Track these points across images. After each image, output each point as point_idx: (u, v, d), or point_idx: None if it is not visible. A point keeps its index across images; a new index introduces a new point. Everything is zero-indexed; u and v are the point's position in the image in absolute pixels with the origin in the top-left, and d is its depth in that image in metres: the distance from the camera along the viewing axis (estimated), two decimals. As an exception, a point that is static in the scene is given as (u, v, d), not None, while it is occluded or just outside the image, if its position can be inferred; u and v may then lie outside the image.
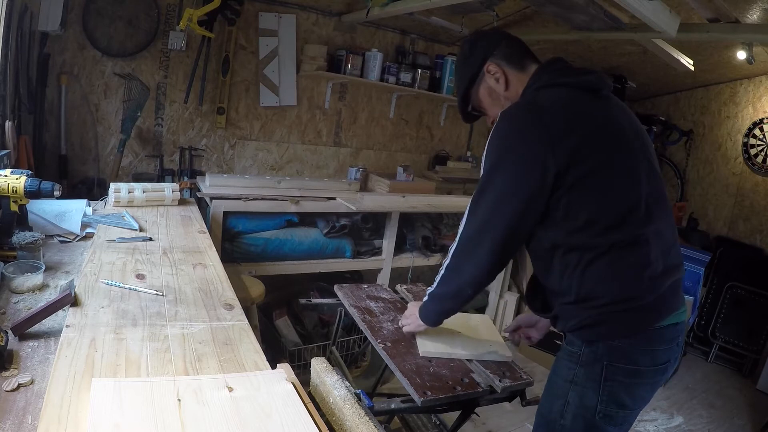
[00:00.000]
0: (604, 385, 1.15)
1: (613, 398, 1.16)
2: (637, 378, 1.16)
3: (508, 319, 3.77)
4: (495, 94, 1.30)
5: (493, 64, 1.27)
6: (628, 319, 1.14)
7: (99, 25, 2.64)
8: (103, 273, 1.34)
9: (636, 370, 1.15)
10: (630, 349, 1.14)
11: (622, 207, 1.13)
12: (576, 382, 1.19)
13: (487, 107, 1.35)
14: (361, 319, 1.69)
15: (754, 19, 2.58)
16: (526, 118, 1.14)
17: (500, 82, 1.27)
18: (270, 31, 3.10)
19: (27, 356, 0.97)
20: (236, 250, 2.63)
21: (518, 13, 3.05)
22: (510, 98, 1.28)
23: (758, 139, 3.85)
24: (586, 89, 1.19)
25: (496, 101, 1.31)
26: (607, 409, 1.17)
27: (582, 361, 1.18)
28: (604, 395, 1.16)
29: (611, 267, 1.14)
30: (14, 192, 1.39)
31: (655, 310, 1.15)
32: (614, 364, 1.14)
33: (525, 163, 1.12)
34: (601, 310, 1.14)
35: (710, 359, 3.82)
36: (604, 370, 1.15)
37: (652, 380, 1.18)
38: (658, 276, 1.15)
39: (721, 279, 3.86)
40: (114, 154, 2.77)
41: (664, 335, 1.16)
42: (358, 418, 0.92)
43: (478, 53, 1.29)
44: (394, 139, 3.83)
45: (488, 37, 1.33)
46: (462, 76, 1.34)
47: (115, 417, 0.75)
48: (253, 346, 1.08)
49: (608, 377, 1.15)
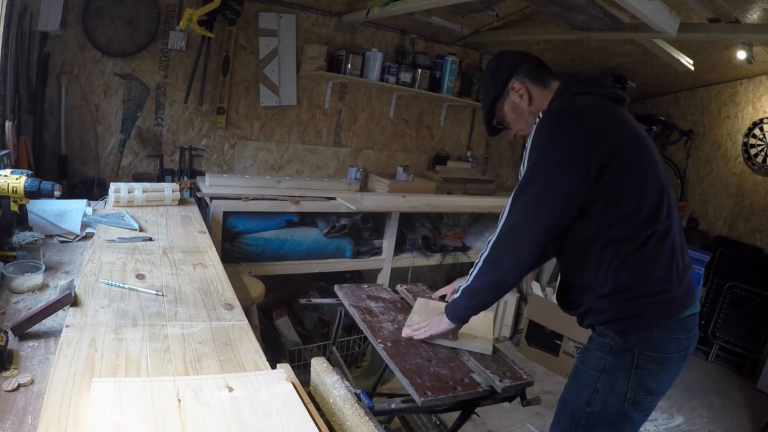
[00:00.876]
0: (634, 373, 1.25)
1: (642, 385, 1.26)
2: (665, 365, 1.26)
3: (508, 318, 3.77)
4: (519, 109, 1.40)
5: (518, 82, 1.37)
6: (660, 310, 1.24)
7: (99, 25, 2.64)
8: (103, 273, 1.34)
9: (664, 357, 1.25)
10: (659, 338, 1.24)
11: (653, 202, 1.23)
12: (607, 370, 1.27)
13: (510, 122, 1.44)
14: (361, 319, 1.69)
15: (754, 19, 2.58)
16: (570, 117, 1.22)
17: (524, 98, 1.37)
18: (270, 31, 3.10)
19: (27, 356, 0.97)
20: (236, 250, 2.63)
21: (518, 13, 3.05)
22: (533, 113, 1.36)
23: (758, 139, 3.85)
24: (613, 99, 1.30)
25: (519, 116, 1.41)
26: (636, 395, 1.26)
27: (614, 351, 1.26)
28: (634, 382, 1.25)
29: (648, 260, 1.23)
30: (14, 192, 1.39)
31: (680, 301, 1.26)
32: (645, 352, 1.24)
33: (570, 158, 1.19)
34: (636, 303, 1.24)
35: (710, 359, 3.82)
36: (636, 359, 1.24)
37: (676, 366, 1.29)
38: (683, 269, 1.27)
39: (721, 279, 3.86)
40: (114, 154, 2.77)
41: (687, 324, 1.27)
42: (358, 418, 0.92)
43: (503, 71, 1.39)
44: (394, 139, 3.82)
45: (512, 56, 1.43)
46: (487, 93, 1.44)
47: (115, 417, 0.75)
48: (253, 346, 1.08)
49: (639, 365, 1.24)
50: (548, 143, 1.22)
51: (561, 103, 1.30)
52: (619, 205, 1.21)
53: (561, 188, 1.20)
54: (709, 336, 3.83)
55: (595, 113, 1.23)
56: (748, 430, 2.99)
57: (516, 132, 1.45)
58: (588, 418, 1.30)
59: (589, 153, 1.18)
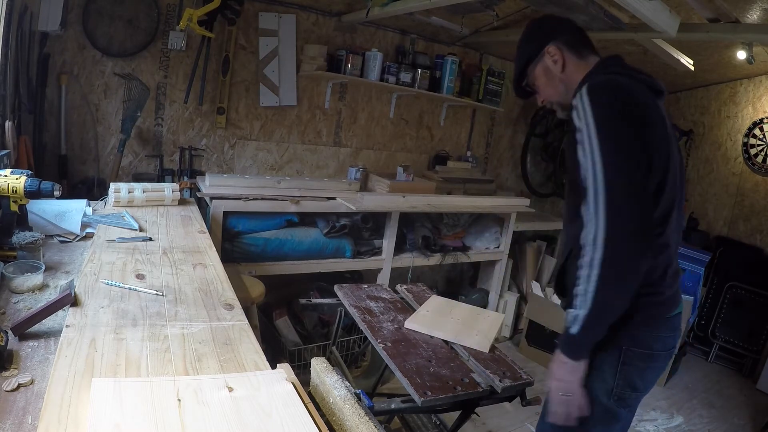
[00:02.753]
0: (621, 369, 1.25)
1: (627, 381, 1.26)
2: (651, 362, 1.27)
3: (508, 318, 3.77)
4: (550, 74, 1.36)
5: (554, 47, 1.33)
6: (651, 311, 1.25)
7: (99, 25, 2.64)
8: (103, 273, 1.34)
9: (650, 354, 1.25)
10: (647, 336, 1.25)
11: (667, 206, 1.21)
12: (595, 366, 1.26)
13: (540, 86, 1.41)
14: (361, 319, 1.69)
15: (754, 19, 2.58)
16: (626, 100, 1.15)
17: (557, 64, 1.34)
18: (270, 31, 3.10)
19: (27, 356, 0.97)
20: (236, 250, 2.63)
21: (518, 13, 3.05)
22: (564, 81, 1.34)
23: (758, 139, 3.85)
24: (654, 90, 1.25)
25: (550, 82, 1.38)
26: (622, 391, 1.26)
27: (603, 346, 1.24)
28: (620, 378, 1.25)
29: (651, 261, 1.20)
30: (14, 192, 1.39)
31: (670, 302, 1.27)
32: (632, 349, 1.24)
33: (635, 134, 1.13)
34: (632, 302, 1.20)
35: (710, 359, 3.82)
36: (623, 355, 1.25)
37: (662, 364, 1.30)
38: (675, 271, 1.29)
39: (721, 279, 3.86)
40: (114, 154, 2.77)
41: (673, 323, 1.29)
42: (358, 418, 0.92)
43: (541, 34, 1.37)
44: (394, 139, 3.82)
45: (554, 21, 1.43)
46: (522, 53, 1.41)
47: (115, 417, 0.75)
48: (253, 346, 1.08)
49: (625, 361, 1.25)
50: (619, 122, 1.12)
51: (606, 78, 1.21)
52: None
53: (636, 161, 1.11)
54: (709, 336, 3.83)
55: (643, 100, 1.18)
56: (748, 430, 2.99)
57: (544, 98, 1.42)
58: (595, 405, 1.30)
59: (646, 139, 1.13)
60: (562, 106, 1.39)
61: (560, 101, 1.39)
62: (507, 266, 3.77)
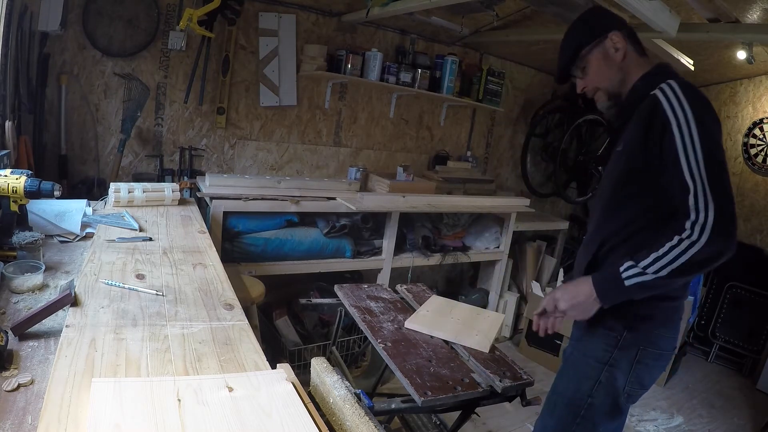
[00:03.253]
0: (635, 367, 1.31)
1: (638, 379, 1.32)
2: (659, 361, 1.33)
3: (508, 318, 3.77)
4: (610, 61, 1.35)
5: (619, 35, 1.34)
6: (671, 313, 1.32)
7: (99, 25, 2.64)
8: (103, 273, 1.34)
9: (661, 353, 1.32)
10: (660, 336, 1.31)
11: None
12: (611, 363, 1.32)
13: (592, 71, 1.38)
14: (361, 319, 1.69)
15: (754, 19, 2.58)
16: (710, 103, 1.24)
17: (619, 53, 1.34)
18: (270, 31, 3.10)
19: (27, 356, 0.97)
20: (236, 250, 2.63)
21: (518, 12, 3.05)
22: (623, 70, 1.35)
23: (758, 139, 3.85)
24: None
25: (607, 68, 1.36)
26: (632, 389, 1.33)
27: (621, 345, 1.31)
28: (633, 376, 1.31)
29: None
30: (14, 192, 1.39)
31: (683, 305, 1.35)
32: (648, 348, 1.30)
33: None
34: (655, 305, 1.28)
35: (710, 359, 3.82)
36: (638, 354, 1.29)
37: (666, 363, 1.36)
38: None
39: (721, 279, 3.87)
40: (114, 154, 2.77)
41: (678, 325, 1.36)
42: (358, 418, 0.92)
43: (605, 21, 1.39)
44: (394, 139, 3.82)
45: (615, 14, 1.45)
46: (576, 36, 1.39)
47: (115, 417, 0.75)
48: (253, 346, 1.08)
49: (640, 360, 1.30)
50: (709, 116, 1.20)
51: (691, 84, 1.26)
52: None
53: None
54: (709, 336, 3.83)
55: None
56: (748, 430, 2.99)
57: (588, 84, 1.39)
58: (588, 409, 1.34)
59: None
60: (609, 95, 1.38)
61: (611, 89, 1.37)
62: (507, 266, 3.77)
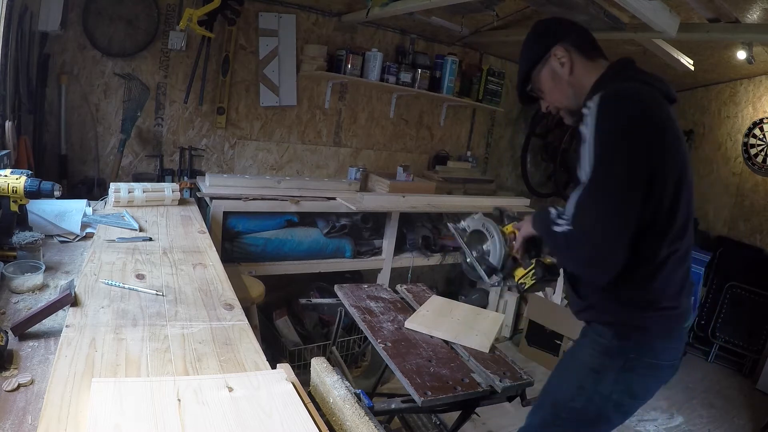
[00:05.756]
0: (623, 375, 1.22)
1: (627, 388, 1.24)
2: (655, 371, 1.24)
3: (508, 318, 3.77)
4: (558, 78, 1.28)
5: (562, 49, 1.26)
6: (666, 324, 1.23)
7: (99, 25, 2.64)
8: (103, 273, 1.34)
9: (656, 364, 1.23)
10: (656, 346, 1.23)
11: (683, 220, 1.18)
12: (596, 369, 1.25)
13: (546, 91, 1.33)
14: (361, 319, 1.69)
15: (754, 19, 2.57)
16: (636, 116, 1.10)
17: (565, 67, 1.27)
18: (270, 31, 3.10)
19: (27, 356, 0.97)
20: (236, 250, 2.63)
21: (518, 13, 3.05)
22: (573, 85, 1.27)
23: (758, 139, 3.85)
24: (667, 97, 1.20)
25: (557, 86, 1.30)
26: (621, 398, 1.24)
27: (609, 352, 1.24)
28: (620, 384, 1.23)
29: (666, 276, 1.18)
30: (14, 192, 1.39)
31: (684, 316, 1.25)
32: (640, 357, 1.22)
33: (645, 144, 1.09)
34: (645, 314, 1.20)
35: (710, 359, 3.82)
36: (627, 362, 1.22)
37: (665, 374, 1.26)
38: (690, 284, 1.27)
39: (721, 279, 3.86)
40: (114, 154, 2.77)
41: (681, 335, 1.27)
42: (358, 418, 0.92)
43: (547, 35, 1.30)
44: (394, 139, 3.82)
45: (561, 22, 1.35)
46: (527, 56, 1.33)
47: (115, 417, 0.75)
48: (253, 346, 1.08)
49: (628, 368, 1.22)
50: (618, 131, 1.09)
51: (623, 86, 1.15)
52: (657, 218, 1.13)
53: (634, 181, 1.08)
54: (709, 336, 3.83)
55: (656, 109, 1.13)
56: (748, 430, 2.99)
57: (549, 104, 1.33)
58: (569, 413, 1.28)
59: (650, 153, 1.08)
60: (571, 112, 1.30)
61: (568, 107, 1.30)
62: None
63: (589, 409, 1.26)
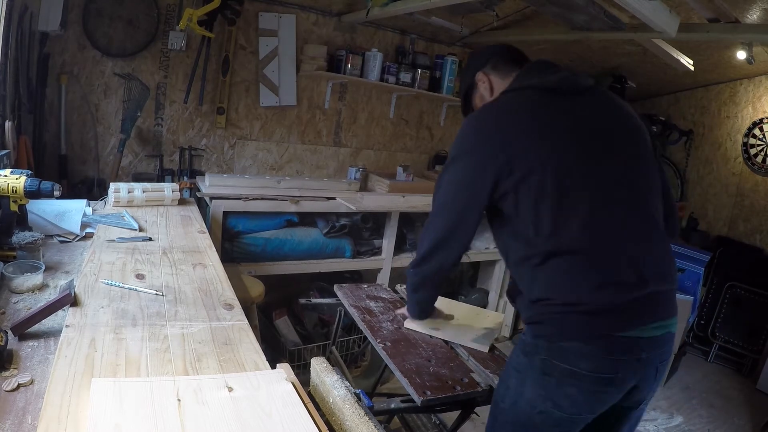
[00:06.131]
0: (542, 380, 1.16)
1: (549, 395, 1.16)
2: (576, 380, 1.13)
3: (508, 319, 3.77)
4: (484, 99, 1.41)
5: (482, 74, 1.40)
6: (571, 322, 1.14)
7: (99, 25, 2.64)
8: (102, 273, 1.34)
9: (574, 372, 1.12)
10: (570, 350, 1.13)
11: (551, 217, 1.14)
12: (519, 370, 1.22)
13: None
14: (360, 319, 1.69)
15: (754, 19, 2.57)
16: (481, 124, 1.24)
17: (488, 90, 1.40)
18: (270, 31, 3.10)
19: (27, 356, 0.97)
20: (236, 250, 2.63)
21: (518, 13, 3.05)
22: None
23: (758, 139, 3.85)
24: (548, 90, 1.22)
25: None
26: (545, 405, 1.16)
27: (526, 351, 1.21)
28: (541, 389, 1.16)
29: (551, 273, 1.16)
30: (14, 192, 1.39)
31: (606, 316, 1.12)
32: (553, 360, 1.15)
33: (474, 162, 1.21)
34: (545, 310, 1.17)
35: (710, 359, 3.82)
36: (544, 365, 1.16)
37: (593, 388, 1.13)
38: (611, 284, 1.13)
39: (721, 279, 3.86)
40: (114, 154, 2.77)
41: (617, 345, 1.11)
42: (358, 418, 0.92)
43: (473, 65, 1.45)
44: (394, 139, 3.82)
45: (484, 50, 1.47)
46: (462, 86, 1.51)
47: (115, 417, 0.75)
48: (252, 346, 1.08)
49: (546, 372, 1.16)
50: (459, 145, 1.25)
51: (487, 104, 1.33)
52: (516, 219, 1.18)
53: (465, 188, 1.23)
54: (709, 336, 3.83)
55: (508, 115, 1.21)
56: (748, 430, 2.99)
57: None
58: (502, 414, 1.25)
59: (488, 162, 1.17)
60: None
61: None
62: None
63: (517, 411, 1.21)
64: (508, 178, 1.15)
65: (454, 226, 1.27)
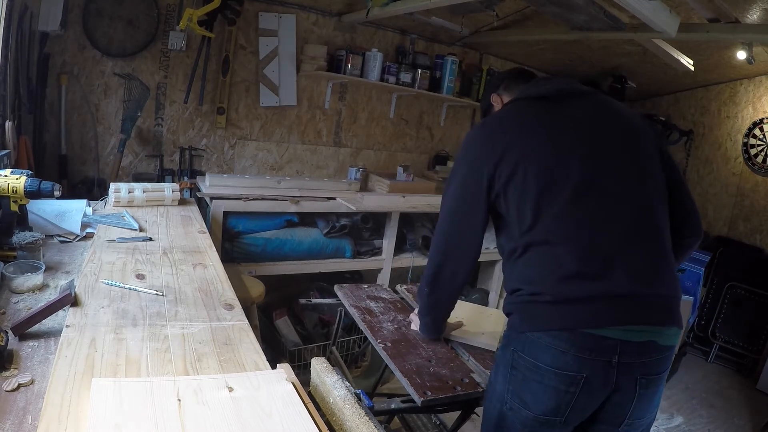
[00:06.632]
0: (511, 373, 1.18)
1: (516, 391, 1.16)
2: (536, 375, 1.12)
3: (508, 319, 3.77)
4: None
5: (496, 95, 1.50)
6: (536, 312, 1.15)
7: (99, 25, 2.64)
8: (103, 273, 1.34)
9: (537, 366, 1.11)
10: (535, 342, 1.12)
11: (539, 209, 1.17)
12: (497, 363, 1.26)
13: None
14: (361, 319, 1.69)
15: (754, 19, 2.58)
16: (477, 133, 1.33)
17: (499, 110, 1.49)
18: (270, 31, 3.10)
19: (27, 356, 0.97)
20: (236, 250, 2.63)
21: (518, 13, 3.05)
22: None
23: (758, 139, 3.85)
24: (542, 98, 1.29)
25: None
26: (512, 400, 1.17)
27: (503, 344, 1.24)
28: (510, 384, 1.18)
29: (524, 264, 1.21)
30: (14, 192, 1.39)
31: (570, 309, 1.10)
32: (520, 353, 1.16)
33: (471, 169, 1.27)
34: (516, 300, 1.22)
35: (710, 359, 3.82)
36: (512, 357, 1.18)
37: (554, 385, 1.10)
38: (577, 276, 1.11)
39: (721, 279, 3.86)
40: (114, 154, 2.77)
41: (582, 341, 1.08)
42: (358, 418, 0.92)
43: (489, 88, 1.57)
44: (394, 139, 3.82)
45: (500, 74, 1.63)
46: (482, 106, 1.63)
47: (115, 417, 0.75)
48: (253, 346, 1.08)
49: (515, 365, 1.17)
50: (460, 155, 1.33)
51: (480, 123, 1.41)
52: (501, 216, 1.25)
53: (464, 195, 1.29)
54: (709, 336, 3.83)
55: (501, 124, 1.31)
56: (748, 430, 2.99)
57: None
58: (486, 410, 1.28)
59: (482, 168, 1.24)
60: None
61: None
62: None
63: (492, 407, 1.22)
64: (499, 179, 1.21)
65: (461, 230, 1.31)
